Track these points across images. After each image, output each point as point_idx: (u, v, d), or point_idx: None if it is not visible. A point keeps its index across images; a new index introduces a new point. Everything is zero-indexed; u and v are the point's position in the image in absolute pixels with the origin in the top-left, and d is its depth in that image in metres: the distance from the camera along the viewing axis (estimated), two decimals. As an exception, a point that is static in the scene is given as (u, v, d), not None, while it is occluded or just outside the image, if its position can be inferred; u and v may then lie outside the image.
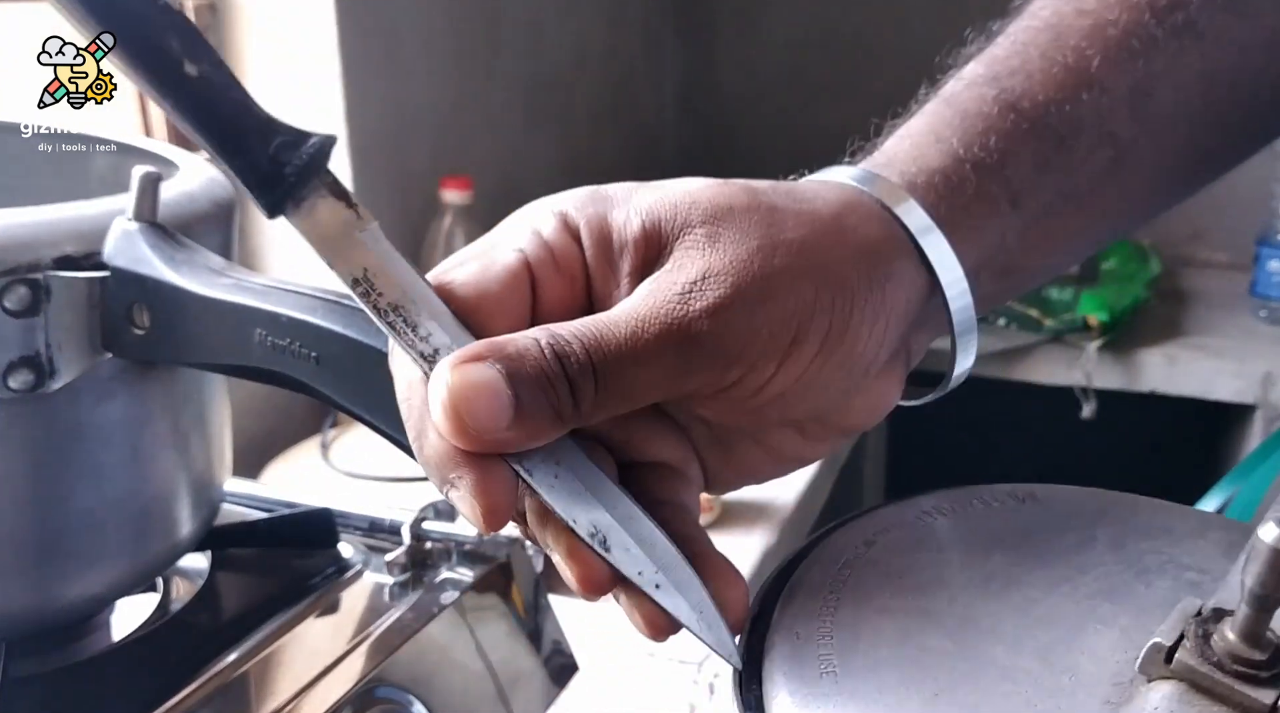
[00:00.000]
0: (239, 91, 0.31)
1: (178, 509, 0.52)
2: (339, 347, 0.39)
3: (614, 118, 1.93)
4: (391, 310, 0.30)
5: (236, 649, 0.51)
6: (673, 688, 0.63)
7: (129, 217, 0.45)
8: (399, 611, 0.55)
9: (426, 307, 0.30)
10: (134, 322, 0.44)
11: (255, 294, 0.42)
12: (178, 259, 0.44)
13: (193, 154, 0.57)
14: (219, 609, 0.56)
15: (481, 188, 1.28)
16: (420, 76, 1.32)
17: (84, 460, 0.48)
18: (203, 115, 0.30)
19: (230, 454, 0.58)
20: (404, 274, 0.30)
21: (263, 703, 0.49)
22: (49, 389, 0.45)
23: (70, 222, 0.45)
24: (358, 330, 0.39)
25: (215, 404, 0.55)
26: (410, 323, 0.30)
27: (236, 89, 0.31)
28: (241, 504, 0.65)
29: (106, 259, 0.45)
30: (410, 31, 1.29)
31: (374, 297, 0.30)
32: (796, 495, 1.06)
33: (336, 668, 0.51)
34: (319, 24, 1.15)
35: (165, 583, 0.58)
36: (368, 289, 0.30)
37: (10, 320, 0.43)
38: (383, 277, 0.30)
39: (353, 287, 0.30)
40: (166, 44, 0.30)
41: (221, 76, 0.30)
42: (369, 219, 0.31)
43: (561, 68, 1.72)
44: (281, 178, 0.30)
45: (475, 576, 0.59)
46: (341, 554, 0.60)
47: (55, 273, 0.44)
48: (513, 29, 1.55)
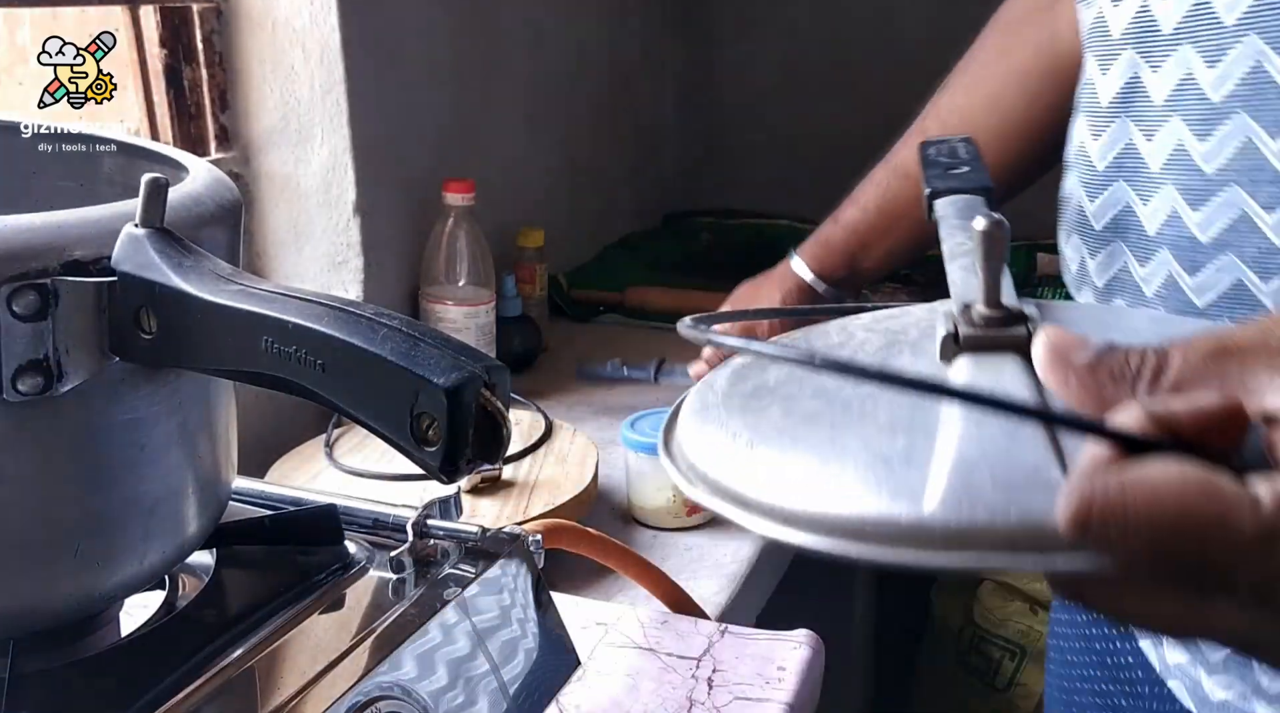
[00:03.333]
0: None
1: (185, 508, 0.53)
2: (345, 354, 0.40)
3: (614, 120, 1.93)
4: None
5: (242, 645, 0.52)
6: (672, 683, 0.64)
7: (136, 222, 0.45)
8: (403, 607, 0.56)
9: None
10: (141, 326, 0.45)
11: (262, 301, 0.42)
12: (185, 265, 0.44)
13: (198, 157, 0.57)
14: (225, 605, 0.57)
15: (484, 190, 1.28)
16: (422, 80, 1.33)
17: (92, 462, 0.48)
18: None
19: (236, 453, 0.58)
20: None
21: (268, 698, 0.49)
22: (57, 392, 0.45)
23: (78, 227, 0.46)
24: (363, 338, 0.39)
25: (222, 404, 0.55)
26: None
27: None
28: (247, 502, 0.65)
29: (114, 264, 0.45)
30: (413, 35, 1.30)
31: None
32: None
33: (341, 663, 0.51)
34: (323, 27, 1.16)
35: (172, 580, 0.59)
36: None
37: (19, 325, 0.43)
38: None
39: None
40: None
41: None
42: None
43: (562, 70, 1.72)
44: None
45: (478, 572, 0.60)
46: (346, 551, 0.61)
47: (63, 278, 0.44)
48: (513, 32, 1.56)
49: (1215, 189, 0.50)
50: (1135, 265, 0.55)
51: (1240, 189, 0.49)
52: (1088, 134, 0.59)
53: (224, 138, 1.20)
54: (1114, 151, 0.56)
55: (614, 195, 1.97)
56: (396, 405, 0.39)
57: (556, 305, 1.60)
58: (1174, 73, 0.52)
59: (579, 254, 1.80)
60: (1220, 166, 0.50)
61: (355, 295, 1.24)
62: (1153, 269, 0.54)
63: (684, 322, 0.42)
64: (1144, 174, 0.54)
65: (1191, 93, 0.51)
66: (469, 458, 0.40)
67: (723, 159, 2.23)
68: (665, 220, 2.15)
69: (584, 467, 0.99)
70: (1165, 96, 0.52)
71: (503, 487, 0.94)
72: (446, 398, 0.38)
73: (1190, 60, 0.51)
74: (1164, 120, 0.53)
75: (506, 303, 1.35)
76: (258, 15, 1.17)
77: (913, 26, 2.03)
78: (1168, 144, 0.52)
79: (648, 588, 0.74)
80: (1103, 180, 0.57)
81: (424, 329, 0.41)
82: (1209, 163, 0.50)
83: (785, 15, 2.15)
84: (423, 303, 1.28)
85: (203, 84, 1.17)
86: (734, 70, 2.21)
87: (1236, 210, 0.49)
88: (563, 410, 1.24)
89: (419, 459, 0.40)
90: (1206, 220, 0.50)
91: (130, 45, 1.10)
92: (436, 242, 1.27)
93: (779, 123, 2.16)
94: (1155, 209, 0.53)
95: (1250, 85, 0.49)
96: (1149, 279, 0.54)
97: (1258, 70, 0.48)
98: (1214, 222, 0.50)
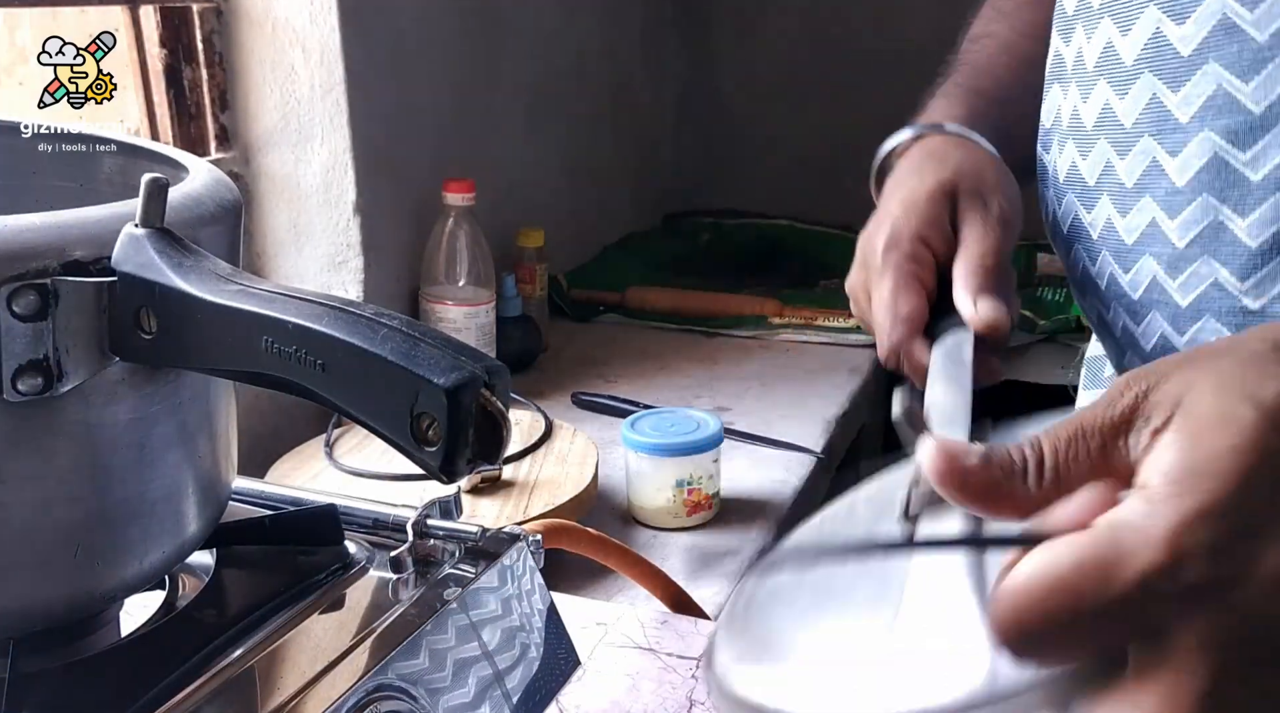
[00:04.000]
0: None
1: (185, 508, 0.53)
2: (345, 354, 0.40)
3: (614, 120, 1.93)
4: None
5: (242, 645, 0.52)
6: (672, 683, 0.64)
7: (136, 222, 0.45)
8: (403, 607, 0.56)
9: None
10: (141, 327, 0.45)
11: (262, 301, 0.42)
12: (185, 265, 0.44)
13: (198, 157, 0.57)
14: (225, 605, 0.57)
15: (483, 190, 1.28)
16: (423, 80, 1.33)
17: (92, 462, 0.48)
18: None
19: (236, 453, 0.58)
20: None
21: (268, 698, 0.49)
22: (57, 392, 0.45)
23: (78, 227, 0.45)
24: (363, 338, 0.39)
25: (222, 404, 0.55)
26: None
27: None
28: (247, 502, 0.65)
29: (114, 264, 0.45)
30: (413, 35, 1.30)
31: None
32: (793, 492, 1.06)
33: (341, 663, 0.51)
34: (323, 27, 1.16)
35: (172, 579, 0.59)
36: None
37: (19, 325, 0.43)
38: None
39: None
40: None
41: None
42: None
43: (562, 71, 1.73)
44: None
45: (478, 572, 0.60)
46: (346, 551, 0.61)
47: (63, 278, 0.44)
48: (514, 33, 1.56)
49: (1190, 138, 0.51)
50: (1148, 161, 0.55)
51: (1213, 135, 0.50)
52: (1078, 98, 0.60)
53: (224, 138, 1.20)
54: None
55: (614, 195, 1.97)
56: (396, 405, 0.39)
57: (556, 305, 1.60)
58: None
59: (579, 254, 1.80)
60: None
61: (355, 295, 1.24)
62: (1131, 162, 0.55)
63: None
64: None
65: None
66: (469, 458, 0.40)
67: (723, 159, 2.23)
68: (665, 220, 2.16)
69: (584, 467, 0.99)
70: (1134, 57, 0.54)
71: (503, 487, 0.94)
72: (446, 398, 0.38)
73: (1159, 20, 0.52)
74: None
75: (506, 303, 1.35)
76: (258, 15, 1.17)
77: (913, 27, 2.03)
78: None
79: (648, 588, 0.74)
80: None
81: (424, 329, 0.41)
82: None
83: (785, 16, 2.15)
84: (423, 303, 1.28)
85: (203, 84, 1.17)
86: (734, 70, 2.21)
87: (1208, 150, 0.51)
88: (563, 410, 1.24)
89: (419, 459, 0.40)
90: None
91: (130, 45, 1.10)
92: (436, 242, 1.27)
93: (779, 123, 2.16)
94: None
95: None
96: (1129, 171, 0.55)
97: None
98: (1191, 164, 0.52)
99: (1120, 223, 0.55)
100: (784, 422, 1.22)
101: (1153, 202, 0.53)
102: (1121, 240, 0.56)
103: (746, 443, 1.17)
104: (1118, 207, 0.55)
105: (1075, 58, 0.58)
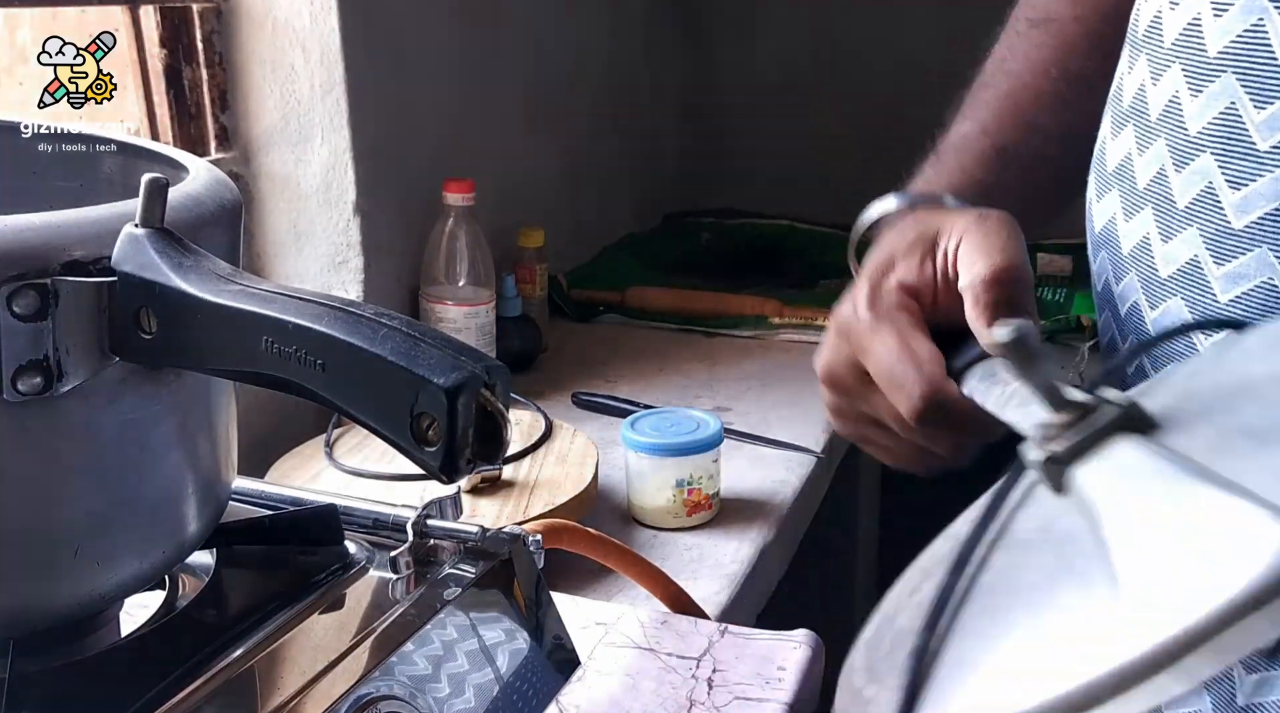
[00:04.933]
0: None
1: (185, 508, 0.53)
2: (345, 354, 0.40)
3: (614, 121, 1.93)
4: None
5: (242, 645, 0.52)
6: (672, 683, 0.64)
7: (136, 222, 0.45)
8: (402, 607, 0.56)
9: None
10: (141, 327, 0.45)
11: (262, 301, 0.42)
12: (185, 265, 0.44)
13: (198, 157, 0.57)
14: (225, 605, 0.57)
15: (483, 190, 1.28)
16: (423, 79, 1.33)
17: (92, 462, 0.48)
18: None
19: (236, 453, 0.58)
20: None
21: (268, 698, 0.49)
22: (57, 392, 0.45)
23: (78, 227, 0.46)
24: (363, 338, 0.39)
25: (222, 404, 0.55)
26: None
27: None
28: (247, 502, 0.66)
29: (114, 264, 0.45)
30: (413, 34, 1.30)
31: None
32: (793, 492, 1.07)
33: (341, 663, 0.51)
34: (323, 27, 1.16)
35: (172, 579, 0.59)
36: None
37: (19, 325, 0.43)
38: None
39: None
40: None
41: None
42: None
43: (563, 71, 1.73)
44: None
45: (478, 572, 0.60)
46: (346, 551, 0.61)
47: (63, 278, 0.44)
48: (514, 32, 1.56)
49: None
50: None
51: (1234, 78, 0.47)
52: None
53: (224, 138, 1.20)
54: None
55: (614, 195, 1.97)
56: (396, 405, 0.39)
57: (556, 305, 1.60)
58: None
59: (579, 254, 1.80)
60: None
61: (355, 295, 1.24)
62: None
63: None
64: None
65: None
66: (469, 458, 0.40)
67: (723, 159, 2.23)
68: (665, 220, 2.15)
69: (584, 467, 0.99)
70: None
71: (503, 487, 0.94)
72: (446, 398, 0.38)
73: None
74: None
75: (506, 303, 1.35)
76: (258, 15, 1.17)
77: (913, 27, 2.03)
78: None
79: (648, 588, 0.74)
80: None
81: (424, 329, 0.41)
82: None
83: (785, 16, 2.15)
84: (423, 303, 1.28)
85: (203, 84, 1.17)
86: (734, 70, 2.20)
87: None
88: (563, 410, 1.24)
89: (419, 459, 0.40)
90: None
91: (130, 45, 1.10)
92: (436, 242, 1.27)
93: (779, 123, 2.16)
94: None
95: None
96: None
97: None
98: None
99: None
100: (784, 422, 1.22)
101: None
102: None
103: (746, 443, 1.17)
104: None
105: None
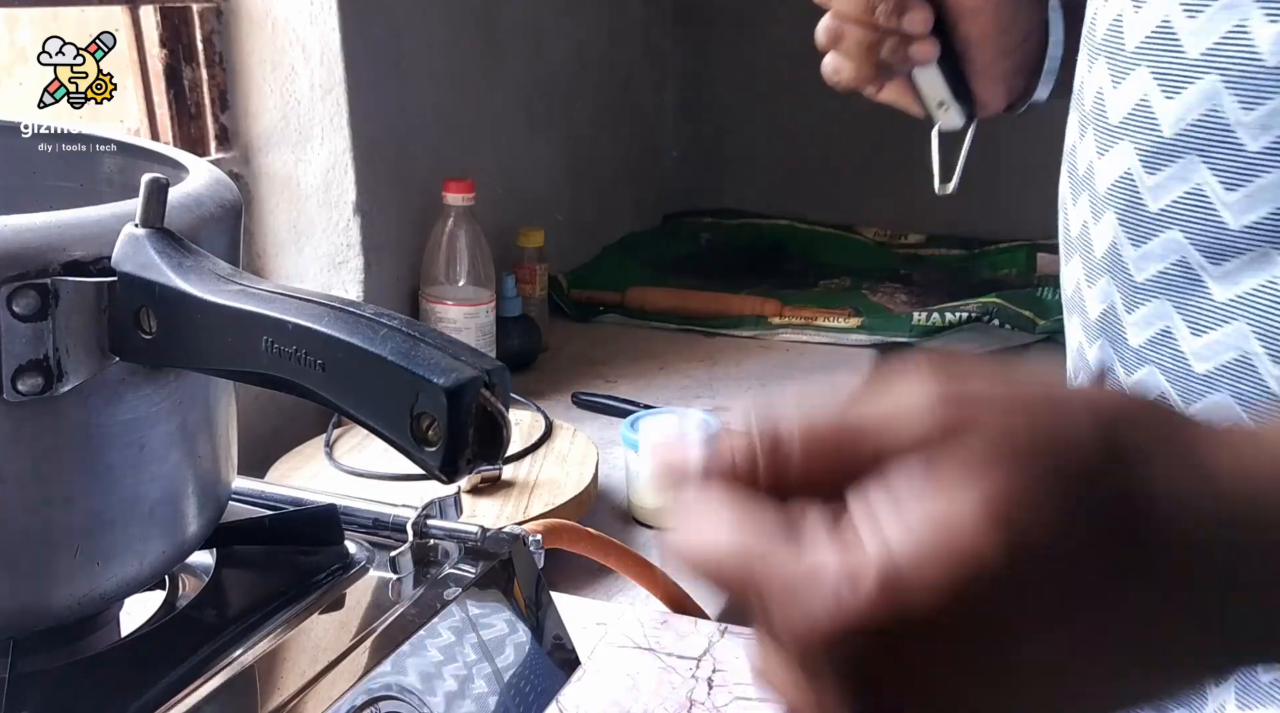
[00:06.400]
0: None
1: (185, 508, 0.53)
2: (345, 354, 0.40)
3: (614, 121, 1.93)
4: None
5: (242, 645, 0.52)
6: (672, 683, 0.64)
7: (136, 222, 0.45)
8: (403, 607, 0.56)
9: None
10: (141, 327, 0.45)
11: (262, 301, 0.42)
12: (185, 265, 0.44)
13: (198, 157, 0.57)
14: (225, 605, 0.57)
15: (484, 190, 1.28)
16: (422, 80, 1.33)
17: (92, 462, 0.48)
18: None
19: (236, 453, 0.58)
20: None
21: (268, 698, 0.49)
22: (57, 392, 0.45)
23: (78, 227, 0.46)
24: (363, 338, 0.39)
25: (222, 404, 0.55)
26: None
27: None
28: (247, 502, 0.65)
29: (114, 264, 0.45)
30: (412, 35, 1.30)
31: None
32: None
33: (341, 664, 0.51)
34: (323, 27, 1.16)
35: (172, 579, 0.59)
36: None
37: (19, 325, 0.43)
38: None
39: None
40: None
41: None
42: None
43: (562, 71, 1.73)
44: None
45: (478, 572, 0.60)
46: (346, 551, 0.61)
47: (63, 278, 0.44)
48: (513, 33, 1.56)
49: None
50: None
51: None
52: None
53: (224, 138, 1.20)
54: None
55: (614, 195, 1.97)
56: (396, 405, 0.39)
57: (556, 305, 1.60)
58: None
59: (579, 254, 1.80)
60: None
61: (355, 295, 1.24)
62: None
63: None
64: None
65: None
66: (469, 458, 0.40)
67: (723, 159, 2.23)
68: (665, 220, 2.16)
69: (584, 467, 0.99)
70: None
71: (503, 487, 0.94)
72: (446, 398, 0.38)
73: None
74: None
75: (506, 303, 1.35)
76: (258, 15, 1.17)
77: (913, 26, 2.03)
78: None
79: (648, 588, 0.74)
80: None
81: (424, 329, 0.41)
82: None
83: (785, 15, 2.14)
84: (423, 303, 1.28)
85: (203, 84, 1.17)
86: (734, 70, 2.20)
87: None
88: (563, 410, 1.24)
89: (419, 459, 0.40)
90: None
91: (130, 45, 1.10)
92: (436, 242, 1.27)
93: (779, 123, 2.16)
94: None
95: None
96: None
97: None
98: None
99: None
100: (784, 422, 1.22)
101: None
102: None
103: (746, 443, 1.17)
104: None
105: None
